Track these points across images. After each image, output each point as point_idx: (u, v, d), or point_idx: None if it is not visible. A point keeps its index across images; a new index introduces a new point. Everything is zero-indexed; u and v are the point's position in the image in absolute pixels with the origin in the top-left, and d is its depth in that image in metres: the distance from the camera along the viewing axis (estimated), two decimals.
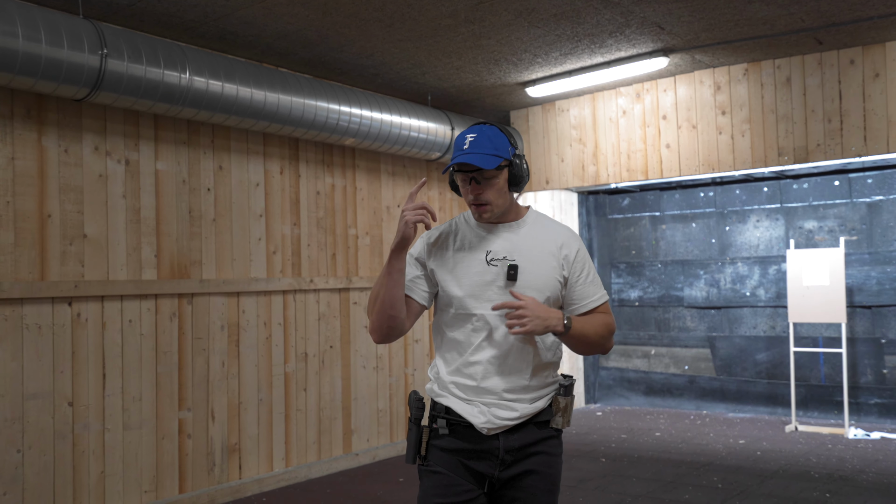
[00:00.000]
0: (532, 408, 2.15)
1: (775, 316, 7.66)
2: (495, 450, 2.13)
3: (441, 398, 2.19)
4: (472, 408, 2.13)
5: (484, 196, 2.15)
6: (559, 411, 2.19)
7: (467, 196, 2.18)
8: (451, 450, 2.16)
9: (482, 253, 2.19)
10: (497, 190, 2.16)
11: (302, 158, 5.77)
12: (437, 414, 2.19)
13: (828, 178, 7.42)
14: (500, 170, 2.15)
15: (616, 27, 4.95)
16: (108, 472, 4.46)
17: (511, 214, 2.25)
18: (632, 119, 6.48)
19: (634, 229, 8.62)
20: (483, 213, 2.18)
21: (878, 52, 5.38)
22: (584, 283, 2.22)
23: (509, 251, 2.18)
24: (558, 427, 2.20)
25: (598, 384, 8.79)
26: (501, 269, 2.15)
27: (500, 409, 2.12)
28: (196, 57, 4.55)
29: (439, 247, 2.24)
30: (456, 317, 2.18)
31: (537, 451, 2.17)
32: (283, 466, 5.47)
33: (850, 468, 5.50)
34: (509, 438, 2.14)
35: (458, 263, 2.20)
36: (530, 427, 2.16)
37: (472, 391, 2.14)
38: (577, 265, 2.22)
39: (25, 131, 4.22)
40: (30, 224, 4.21)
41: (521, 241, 2.21)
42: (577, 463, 5.86)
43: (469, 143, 2.12)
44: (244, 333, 5.27)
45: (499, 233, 2.22)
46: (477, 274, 2.16)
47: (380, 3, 4.40)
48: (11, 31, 3.69)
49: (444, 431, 2.16)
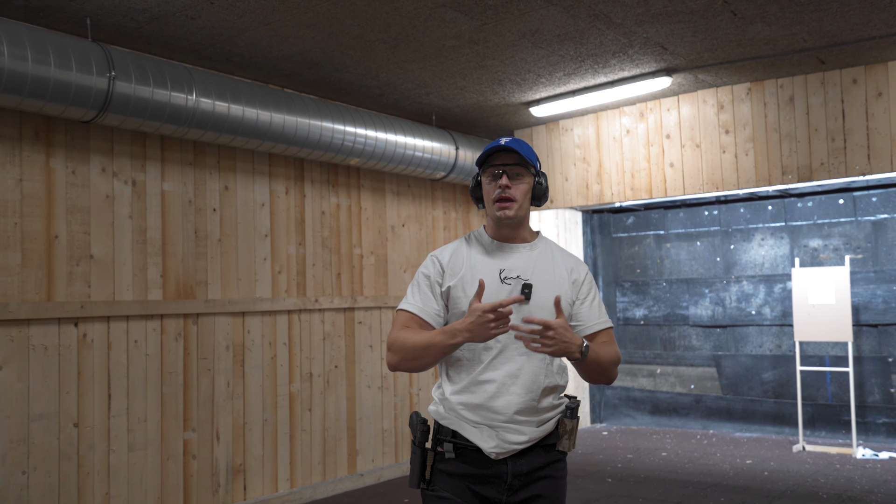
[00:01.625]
0: (540, 431, 2.14)
1: (781, 335, 7.64)
2: (503, 474, 2.11)
3: (447, 421, 2.16)
4: (481, 432, 2.11)
5: (513, 191, 2.15)
6: (566, 434, 2.17)
7: (492, 192, 2.18)
8: (457, 474, 2.13)
9: (496, 270, 2.18)
10: (524, 193, 2.18)
11: (307, 178, 5.79)
12: (443, 438, 2.16)
13: (832, 196, 7.42)
14: (529, 173, 2.20)
15: (619, 47, 4.99)
16: (112, 493, 4.45)
17: (525, 234, 2.26)
18: (636, 138, 6.50)
19: (639, 248, 8.62)
20: (508, 209, 2.16)
21: (881, 72, 5.40)
22: (591, 306, 2.23)
23: (522, 270, 2.18)
24: (565, 450, 2.18)
25: (603, 403, 8.75)
26: (515, 288, 2.15)
27: (508, 433, 2.10)
28: (202, 78, 4.59)
29: (452, 265, 2.22)
30: None
31: (544, 476, 2.15)
32: (288, 487, 5.45)
33: (859, 489, 5.46)
34: (517, 463, 2.11)
35: (471, 279, 2.17)
36: (538, 450, 2.15)
37: (480, 411, 2.11)
38: (585, 288, 2.24)
39: (33, 153, 4.25)
40: (37, 245, 4.23)
41: (534, 261, 2.21)
42: (583, 483, 5.82)
43: (505, 141, 2.17)
44: (249, 353, 5.27)
45: (512, 251, 2.22)
46: (490, 291, 2.14)
47: (384, 25, 4.44)
48: (21, 54, 3.73)
49: (450, 455, 2.13)
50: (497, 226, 2.23)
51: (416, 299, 2.21)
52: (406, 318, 2.19)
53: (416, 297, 2.21)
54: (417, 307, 2.19)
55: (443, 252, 2.26)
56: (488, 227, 2.29)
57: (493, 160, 2.18)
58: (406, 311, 2.20)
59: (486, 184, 2.21)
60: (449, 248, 2.28)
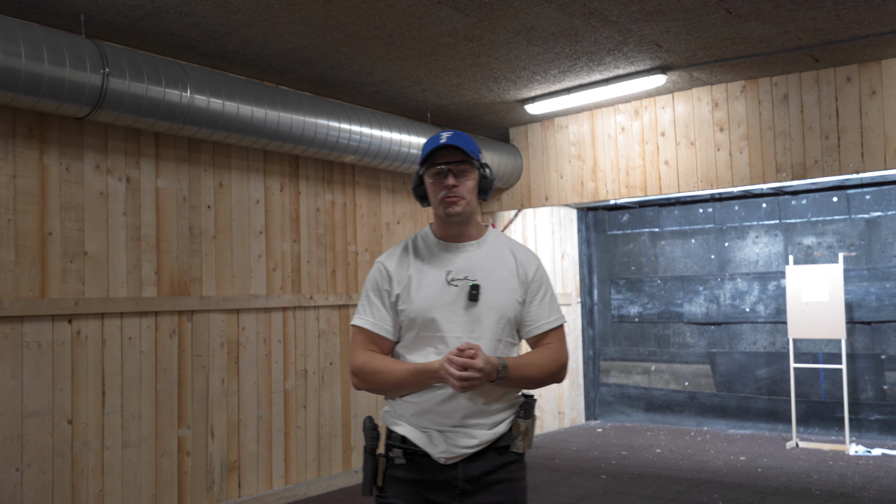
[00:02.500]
0: (492, 433, 2.07)
1: (775, 332, 7.66)
2: (454, 480, 2.05)
3: (397, 426, 2.11)
4: (430, 437, 2.05)
5: (459, 189, 2.09)
6: (519, 434, 2.10)
7: (438, 192, 2.11)
8: (408, 480, 2.08)
9: (442, 273, 2.12)
10: (470, 189, 2.12)
11: (302, 175, 5.79)
12: (392, 443, 2.11)
13: (826, 194, 7.44)
14: (474, 168, 2.13)
15: (614, 45, 4.99)
16: (107, 490, 4.45)
17: (472, 232, 2.19)
18: (630, 136, 6.51)
19: (634, 245, 8.64)
20: (456, 205, 2.10)
21: (875, 70, 5.42)
22: (540, 305, 2.17)
23: (470, 270, 2.12)
24: (519, 451, 2.11)
25: (598, 400, 8.77)
26: (462, 290, 2.09)
27: (458, 437, 2.04)
28: (197, 75, 4.58)
29: (398, 271, 2.16)
30: (417, 340, 2.11)
31: (499, 480, 2.08)
32: (283, 484, 5.45)
33: (852, 485, 5.49)
34: (469, 467, 2.05)
35: (417, 285, 2.12)
36: (490, 453, 2.08)
37: (429, 416, 2.06)
38: (535, 285, 2.17)
39: (27, 149, 4.24)
40: (30, 242, 4.22)
41: (481, 260, 2.15)
42: (577, 480, 5.84)
43: (446, 137, 2.10)
44: (244, 350, 5.27)
45: (459, 252, 2.16)
46: (437, 295, 2.09)
47: (379, 22, 4.44)
48: (14, 50, 3.72)
49: (400, 461, 2.08)
50: (444, 224, 2.17)
51: (368, 313, 2.16)
52: (363, 339, 2.15)
53: (368, 311, 2.16)
54: (371, 322, 2.15)
55: (389, 257, 2.20)
56: (435, 226, 2.22)
57: (435, 158, 2.10)
58: (361, 329, 2.16)
59: (430, 183, 2.13)
60: (395, 252, 2.21)
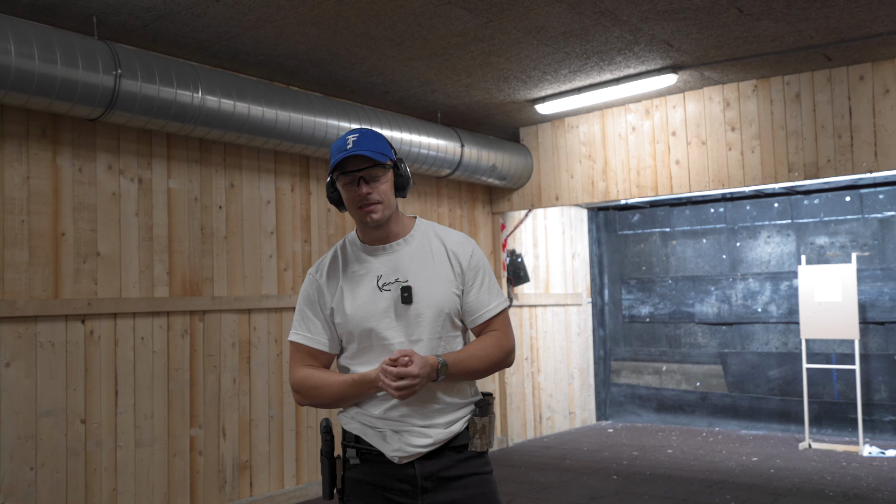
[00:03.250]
0: (447, 433, 2.03)
1: (787, 332, 7.62)
2: (412, 478, 2.01)
3: (351, 426, 2.08)
4: (383, 436, 2.02)
5: (374, 195, 2.02)
6: (476, 433, 2.05)
7: (353, 200, 2.04)
8: (366, 482, 2.04)
9: (373, 279, 2.07)
10: (386, 192, 2.05)
11: (313, 176, 5.80)
12: (347, 443, 2.08)
13: (839, 193, 7.40)
14: (386, 170, 2.07)
15: (625, 44, 4.98)
16: (120, 489, 4.47)
17: (397, 229, 2.12)
18: (641, 135, 6.49)
19: (645, 245, 8.61)
20: (373, 212, 2.03)
21: (888, 68, 5.38)
22: (479, 292, 2.10)
23: (400, 272, 2.07)
24: (477, 450, 2.06)
25: (609, 401, 8.75)
26: (395, 293, 2.04)
27: (412, 437, 2.01)
28: (208, 76, 4.60)
29: (330, 282, 2.12)
30: (360, 350, 2.07)
31: (461, 475, 2.04)
32: (294, 483, 5.47)
33: (865, 486, 5.45)
34: (425, 464, 2.01)
35: (350, 294, 2.07)
36: (447, 452, 2.04)
37: (381, 419, 2.03)
38: (471, 273, 2.10)
39: (40, 151, 4.27)
40: (44, 242, 4.25)
41: (410, 259, 2.09)
42: (588, 480, 5.83)
43: (352, 142, 2.02)
44: (255, 350, 5.29)
45: (386, 254, 2.10)
46: (371, 302, 2.05)
47: (390, 22, 4.44)
48: (28, 52, 3.75)
49: (355, 461, 2.05)
50: (366, 229, 2.11)
51: (304, 328, 2.12)
52: (301, 355, 2.12)
53: (302, 325, 2.13)
54: (307, 337, 2.11)
55: (320, 268, 2.16)
56: (358, 230, 2.17)
57: (345, 166, 2.03)
58: (298, 345, 2.12)
59: (343, 191, 2.07)
60: (325, 262, 2.17)
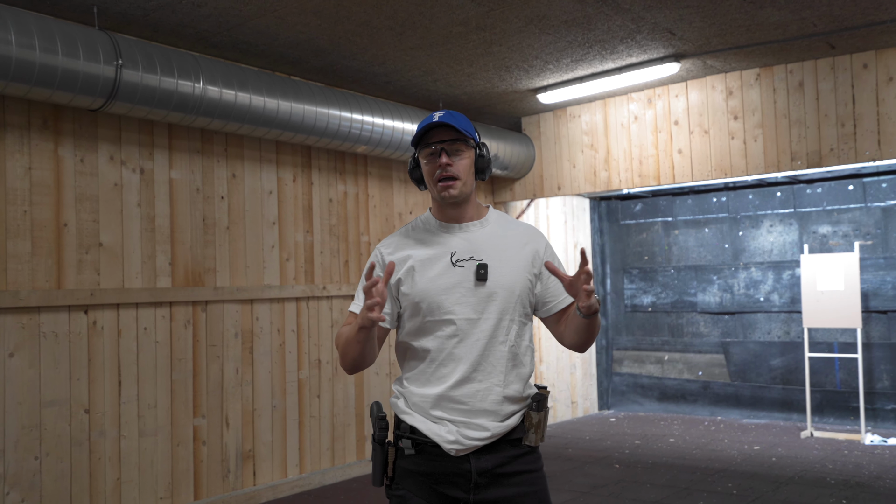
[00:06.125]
0: (504, 426, 2.01)
1: (790, 321, 7.62)
2: (466, 472, 1.98)
3: (406, 416, 2.05)
4: (440, 427, 1.99)
5: (454, 169, 2.02)
6: (532, 427, 2.04)
7: (432, 172, 2.04)
8: (419, 472, 2.02)
9: (446, 255, 2.06)
10: (466, 168, 2.04)
11: (314, 166, 5.80)
12: (401, 433, 2.05)
13: (842, 182, 7.38)
14: (469, 147, 2.06)
15: (627, 33, 4.96)
16: (123, 478, 4.50)
17: (472, 212, 2.12)
18: (644, 124, 6.47)
19: (647, 235, 8.60)
20: (451, 188, 2.02)
21: (892, 56, 5.36)
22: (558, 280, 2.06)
23: (475, 251, 2.06)
24: (532, 444, 2.05)
25: (611, 390, 8.76)
26: (469, 270, 2.03)
27: (469, 430, 1.98)
28: (209, 66, 4.59)
29: (400, 256, 2.09)
30: (424, 325, 2.04)
31: (515, 472, 2.02)
32: (298, 473, 5.49)
33: (867, 475, 5.46)
34: (481, 459, 1.99)
35: (421, 269, 2.05)
36: (503, 445, 2.02)
37: (442, 403, 2.00)
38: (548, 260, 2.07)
39: (42, 141, 4.27)
40: (46, 233, 4.26)
41: (485, 239, 2.08)
42: (590, 469, 5.84)
43: (439, 116, 2.03)
44: (258, 340, 5.30)
45: (461, 233, 2.10)
46: (443, 277, 2.03)
47: (391, 12, 4.43)
48: (29, 43, 3.74)
49: (409, 452, 2.02)
50: (442, 207, 2.10)
51: (361, 300, 2.07)
52: (350, 320, 2.10)
53: (361, 297, 2.06)
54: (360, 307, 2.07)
55: (388, 243, 2.14)
56: (434, 209, 2.16)
57: (428, 138, 2.03)
58: (353, 314, 2.10)
59: (424, 164, 2.06)
60: (395, 237, 2.16)
